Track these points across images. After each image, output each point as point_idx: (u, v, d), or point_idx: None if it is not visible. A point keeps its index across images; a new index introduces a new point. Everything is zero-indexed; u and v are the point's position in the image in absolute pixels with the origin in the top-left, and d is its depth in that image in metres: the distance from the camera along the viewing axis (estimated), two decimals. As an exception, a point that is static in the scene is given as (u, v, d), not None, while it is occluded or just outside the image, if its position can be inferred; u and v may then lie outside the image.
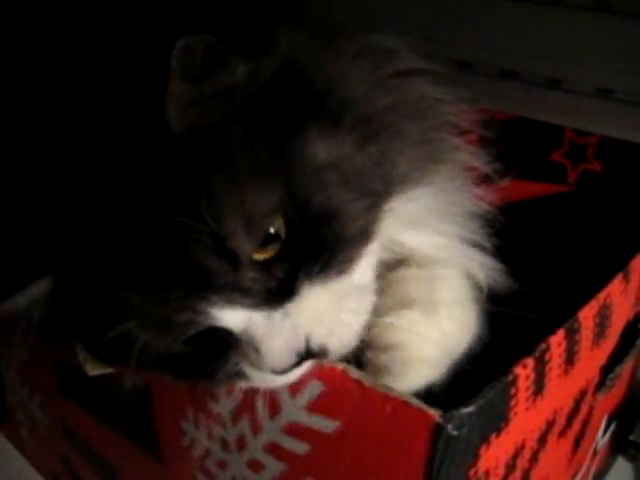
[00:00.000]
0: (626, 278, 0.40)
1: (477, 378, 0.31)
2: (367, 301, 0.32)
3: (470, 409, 0.27)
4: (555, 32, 0.80)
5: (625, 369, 0.48)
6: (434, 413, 0.27)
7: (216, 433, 0.37)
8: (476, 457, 0.30)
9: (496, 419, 0.30)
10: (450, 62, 0.86)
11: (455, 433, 0.27)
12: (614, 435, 0.58)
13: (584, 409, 0.42)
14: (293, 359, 0.29)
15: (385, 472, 0.30)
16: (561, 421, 0.38)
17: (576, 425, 0.41)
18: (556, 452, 0.40)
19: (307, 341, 0.30)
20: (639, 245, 0.43)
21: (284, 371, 0.30)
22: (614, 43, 0.76)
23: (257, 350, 0.29)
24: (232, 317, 0.29)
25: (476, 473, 0.31)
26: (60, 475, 0.60)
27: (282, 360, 0.29)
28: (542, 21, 0.82)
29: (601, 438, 0.51)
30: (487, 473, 0.32)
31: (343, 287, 0.31)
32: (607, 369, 0.47)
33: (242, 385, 0.32)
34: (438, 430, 0.27)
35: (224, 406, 0.36)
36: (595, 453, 0.51)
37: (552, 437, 0.38)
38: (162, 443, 0.42)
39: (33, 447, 0.64)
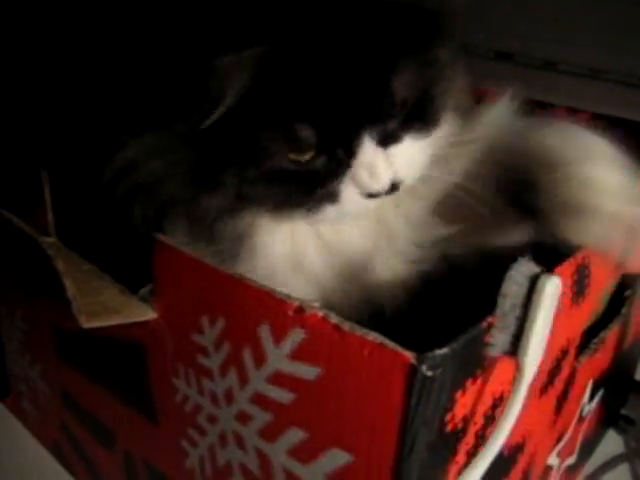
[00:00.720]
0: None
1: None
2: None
3: (444, 351, 0.28)
4: (549, 14, 0.81)
5: (610, 335, 0.50)
6: (409, 354, 0.28)
7: (206, 387, 0.38)
8: (452, 401, 0.31)
9: (471, 365, 0.31)
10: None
11: (429, 374, 0.28)
12: (604, 407, 0.59)
13: (566, 369, 0.43)
14: (387, 186, 0.40)
15: (365, 414, 0.31)
16: (542, 377, 0.39)
17: (558, 384, 0.43)
18: (538, 410, 0.41)
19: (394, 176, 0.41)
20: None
21: (378, 195, 0.40)
22: (608, 24, 0.77)
23: (372, 173, 0.40)
24: (369, 146, 0.40)
25: (453, 418, 0.32)
26: (60, 443, 0.61)
27: (384, 184, 0.40)
28: (537, 3, 0.83)
29: (587, 404, 0.52)
30: (465, 420, 0.33)
31: (424, 144, 0.43)
32: (592, 334, 0.48)
33: (326, 211, 0.41)
34: (413, 371, 0.28)
35: (213, 360, 0.37)
36: (581, 419, 0.52)
37: (533, 393, 0.39)
38: (156, 401, 0.44)
39: (34, 417, 0.66)
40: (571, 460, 0.55)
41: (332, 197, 0.41)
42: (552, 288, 0.32)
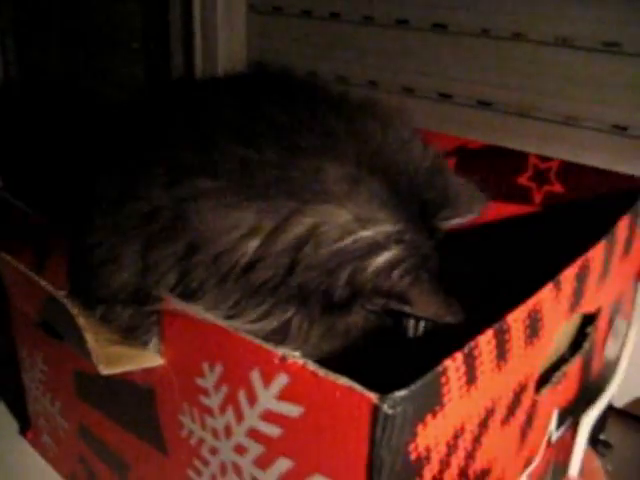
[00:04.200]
0: (557, 287, 0.47)
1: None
2: None
3: (403, 392, 0.34)
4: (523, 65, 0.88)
5: (572, 369, 0.55)
6: (372, 395, 0.34)
7: (208, 423, 0.44)
8: (414, 434, 0.36)
9: (430, 403, 0.37)
10: (432, 93, 0.94)
11: (390, 412, 0.34)
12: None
13: (526, 401, 0.48)
14: None
15: (341, 445, 0.36)
16: (502, 410, 0.45)
17: (520, 415, 0.48)
18: (502, 438, 0.47)
19: None
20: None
21: None
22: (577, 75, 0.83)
23: None
24: None
25: (416, 448, 0.37)
26: (78, 474, 0.67)
27: None
28: (510, 55, 0.90)
29: (555, 431, 0.57)
30: (428, 449, 0.39)
31: None
32: (555, 367, 0.54)
33: None
34: (376, 409, 0.34)
35: (213, 400, 0.43)
36: (550, 445, 0.57)
37: (494, 423, 0.45)
38: (165, 435, 0.49)
39: (54, 451, 0.71)
40: (545, 483, 0.60)
41: None
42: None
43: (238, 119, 0.48)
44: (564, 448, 0.62)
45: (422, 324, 0.49)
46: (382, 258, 0.44)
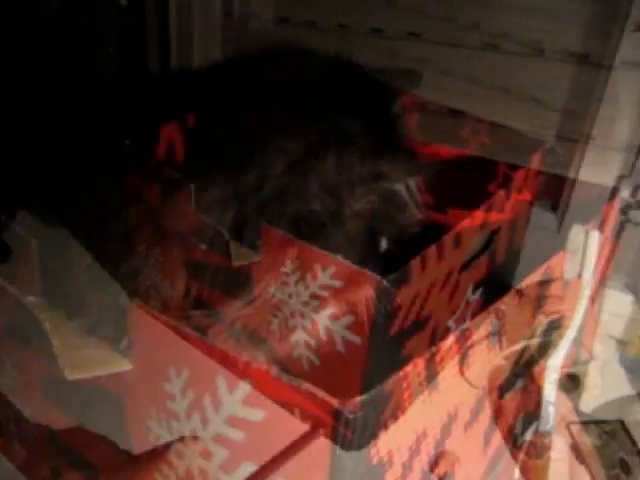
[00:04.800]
0: (519, 293, 0.48)
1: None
2: None
3: (364, 397, 0.35)
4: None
5: (539, 374, 0.56)
6: (334, 400, 0.35)
7: (174, 428, 0.44)
8: (375, 438, 0.37)
9: (391, 407, 0.38)
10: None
11: (351, 416, 0.34)
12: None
13: (490, 406, 0.49)
14: None
15: (302, 448, 0.37)
16: (465, 415, 0.46)
17: (483, 420, 0.49)
18: (465, 442, 0.48)
19: None
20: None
21: None
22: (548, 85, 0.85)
23: None
24: None
25: (378, 452, 0.38)
26: (48, 480, 0.67)
27: None
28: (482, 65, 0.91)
29: (520, 436, 0.58)
30: (390, 453, 0.39)
31: None
32: (520, 373, 0.54)
33: None
34: (338, 413, 0.34)
35: (180, 405, 0.43)
36: (516, 448, 0.58)
37: (457, 428, 0.45)
38: (133, 440, 0.49)
39: (23, 457, 0.71)
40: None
41: None
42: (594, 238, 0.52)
43: (200, 123, 0.49)
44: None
45: (412, 183, 0.51)
46: (332, 158, 0.46)
